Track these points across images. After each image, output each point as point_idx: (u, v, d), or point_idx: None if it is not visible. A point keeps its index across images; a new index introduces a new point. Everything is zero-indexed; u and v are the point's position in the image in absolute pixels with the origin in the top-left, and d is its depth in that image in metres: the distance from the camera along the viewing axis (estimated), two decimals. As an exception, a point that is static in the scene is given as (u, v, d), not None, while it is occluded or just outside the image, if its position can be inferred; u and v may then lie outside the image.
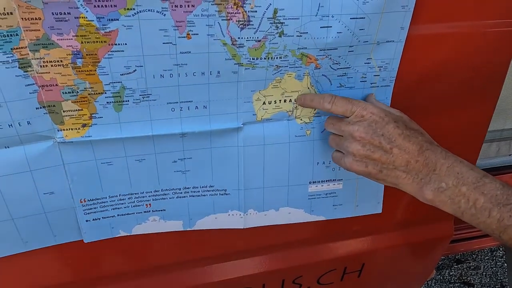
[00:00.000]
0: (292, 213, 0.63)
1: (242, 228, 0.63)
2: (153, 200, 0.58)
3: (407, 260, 0.86)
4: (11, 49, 0.41)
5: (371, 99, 0.56)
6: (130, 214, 0.58)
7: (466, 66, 0.60)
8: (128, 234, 0.60)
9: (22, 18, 0.40)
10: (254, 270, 0.72)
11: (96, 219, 0.56)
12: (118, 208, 0.57)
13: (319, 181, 0.62)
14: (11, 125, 0.46)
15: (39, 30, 0.41)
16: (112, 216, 0.57)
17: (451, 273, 1.63)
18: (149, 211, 0.59)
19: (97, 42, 0.44)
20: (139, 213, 0.58)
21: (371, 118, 0.48)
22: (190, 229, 0.62)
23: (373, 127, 0.48)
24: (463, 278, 1.62)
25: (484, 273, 1.66)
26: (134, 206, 0.58)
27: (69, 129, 0.49)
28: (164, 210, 0.59)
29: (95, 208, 0.56)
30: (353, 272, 0.82)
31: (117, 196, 0.56)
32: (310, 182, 0.62)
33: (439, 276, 1.61)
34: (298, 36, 0.50)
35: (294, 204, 0.63)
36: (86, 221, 0.56)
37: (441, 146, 0.51)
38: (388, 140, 0.47)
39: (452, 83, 0.61)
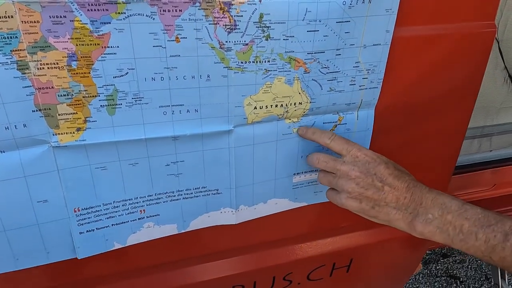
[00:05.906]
0: (279, 203, 0.66)
1: (234, 223, 0.64)
2: (147, 205, 0.57)
3: (393, 254, 0.88)
4: (11, 51, 0.42)
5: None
6: (124, 223, 0.57)
7: (445, 66, 0.62)
8: (123, 246, 0.59)
9: (22, 21, 0.41)
10: (245, 268, 0.73)
11: (90, 231, 0.55)
12: (112, 217, 0.56)
13: (302, 172, 0.64)
14: (8, 127, 0.45)
15: (37, 33, 0.42)
16: (106, 227, 0.56)
17: (437, 267, 1.66)
18: (144, 217, 0.58)
19: (91, 44, 0.45)
20: (133, 220, 0.58)
21: (365, 159, 0.53)
22: (184, 231, 0.62)
23: (366, 166, 0.53)
24: (449, 271, 1.66)
25: (469, 266, 1.69)
26: (128, 213, 0.57)
27: (64, 133, 0.49)
28: (158, 214, 0.59)
29: (89, 218, 0.54)
30: (341, 268, 0.84)
31: (111, 203, 0.55)
32: (294, 174, 0.64)
33: (426, 270, 1.64)
34: (284, 39, 0.51)
35: (280, 195, 0.65)
36: (80, 233, 0.55)
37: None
38: (380, 179, 0.52)
39: (432, 83, 0.63)
